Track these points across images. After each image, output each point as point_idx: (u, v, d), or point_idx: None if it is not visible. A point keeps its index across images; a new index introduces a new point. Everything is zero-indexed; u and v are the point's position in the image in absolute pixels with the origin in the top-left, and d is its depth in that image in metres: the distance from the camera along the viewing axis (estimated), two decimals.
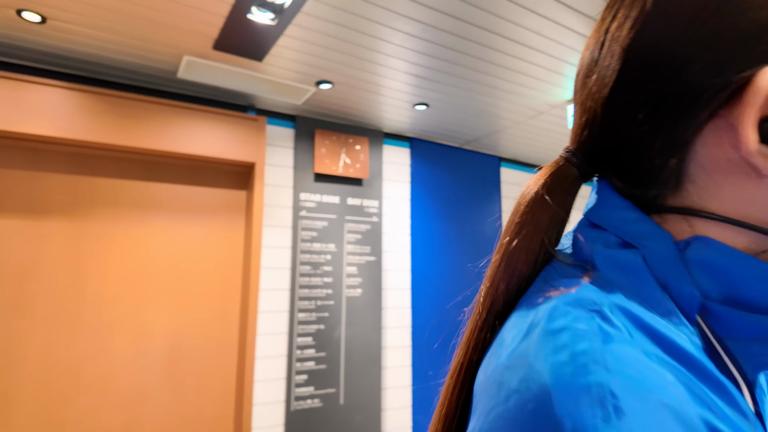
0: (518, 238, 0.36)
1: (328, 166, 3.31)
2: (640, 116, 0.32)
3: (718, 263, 0.29)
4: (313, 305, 3.19)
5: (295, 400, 3.05)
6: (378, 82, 2.86)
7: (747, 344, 0.29)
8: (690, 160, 0.31)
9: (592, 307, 0.28)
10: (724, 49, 0.28)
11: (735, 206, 0.30)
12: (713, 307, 0.29)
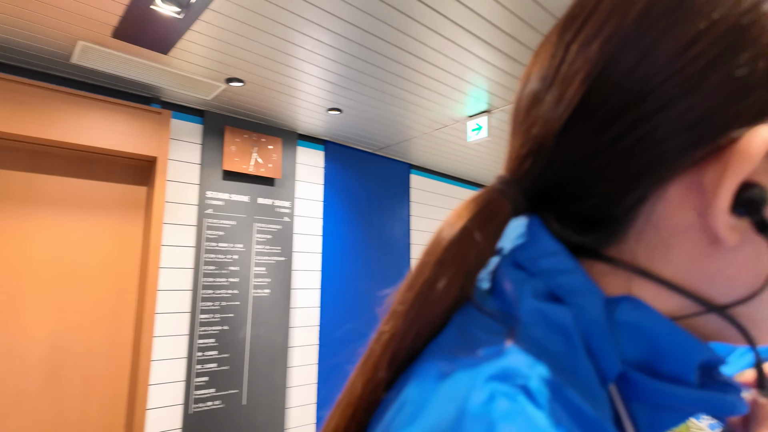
0: (439, 279, 0.30)
1: (238, 165, 3.26)
2: (594, 157, 0.28)
3: (645, 328, 0.27)
4: (218, 306, 3.12)
5: (194, 402, 2.96)
6: (291, 85, 2.87)
7: (653, 410, 0.28)
8: (642, 214, 0.28)
9: (517, 382, 0.25)
10: (711, 97, 0.24)
11: (679, 271, 0.27)
12: (628, 372, 0.27)
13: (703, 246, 0.27)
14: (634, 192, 0.27)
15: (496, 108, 3.27)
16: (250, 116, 3.38)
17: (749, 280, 0.26)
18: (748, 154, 0.24)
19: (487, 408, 0.23)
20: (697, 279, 0.27)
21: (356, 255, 3.99)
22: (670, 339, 0.27)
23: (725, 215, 0.25)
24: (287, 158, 3.58)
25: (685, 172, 0.26)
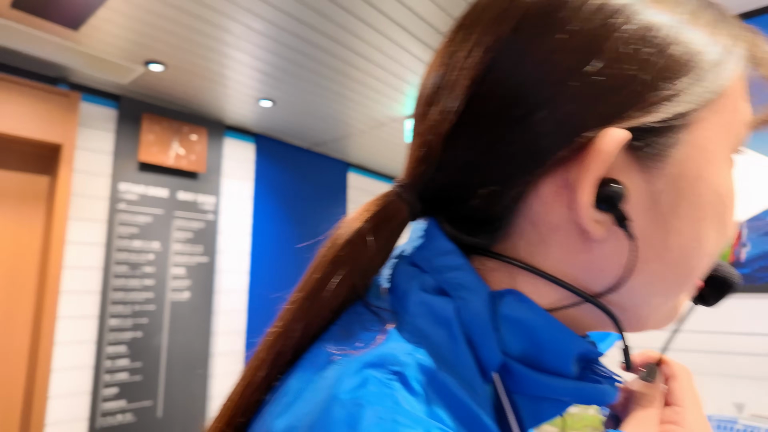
0: (330, 278, 0.31)
1: (156, 155, 3.00)
2: (477, 159, 0.29)
3: (527, 322, 0.29)
4: (130, 310, 2.85)
5: (101, 416, 2.69)
6: (218, 71, 2.68)
7: (535, 402, 0.29)
8: (521, 212, 0.29)
9: (393, 368, 0.26)
10: (573, 100, 0.26)
11: (558, 264, 0.29)
12: (511, 365, 0.29)
13: (576, 240, 0.29)
14: (510, 191, 0.29)
15: None
16: (172, 103, 3.13)
17: (617, 271, 0.28)
18: (602, 151, 0.26)
19: (356, 393, 0.24)
20: (574, 271, 0.29)
21: (289, 256, 3.83)
22: (549, 332, 0.29)
23: (589, 210, 0.27)
24: (213, 150, 3.35)
25: (555, 171, 0.28)
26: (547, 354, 0.29)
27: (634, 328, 0.31)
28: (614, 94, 0.26)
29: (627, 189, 0.27)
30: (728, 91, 0.28)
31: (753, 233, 1.56)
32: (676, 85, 0.26)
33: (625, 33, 0.26)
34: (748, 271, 1.56)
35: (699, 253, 0.29)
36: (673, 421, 0.31)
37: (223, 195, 3.42)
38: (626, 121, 0.26)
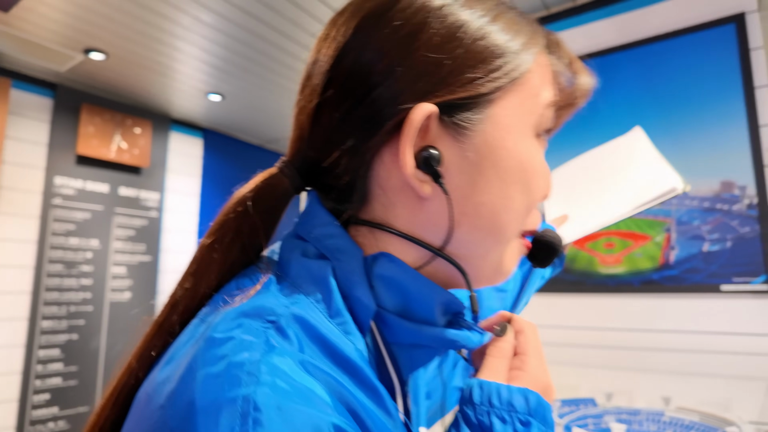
0: (216, 242, 0.35)
1: (96, 149, 2.84)
2: (334, 133, 0.34)
3: (396, 279, 0.33)
4: (65, 311, 2.69)
5: (30, 424, 2.52)
6: (164, 63, 2.56)
7: (410, 350, 0.34)
8: (372, 179, 0.34)
9: (269, 318, 0.29)
10: (398, 81, 0.32)
11: (407, 224, 0.34)
12: (386, 317, 0.33)
13: (414, 200, 0.34)
14: (360, 160, 0.34)
15: None
16: (114, 94, 2.97)
17: (446, 224, 0.33)
18: (413, 121, 0.31)
19: (230, 333, 0.28)
20: (419, 229, 0.34)
21: None
22: (416, 287, 0.33)
23: (412, 170, 0.32)
24: (157, 145, 3.21)
25: (390, 140, 0.33)
26: (416, 305, 0.33)
27: (477, 280, 0.36)
28: (428, 76, 0.32)
29: (442, 154, 0.32)
30: (527, 77, 0.34)
31: (681, 237, 1.66)
32: (479, 71, 0.32)
33: (439, 29, 0.32)
34: (676, 272, 1.66)
35: (506, 210, 0.34)
36: (518, 367, 0.36)
37: (168, 191, 3.28)
38: (436, 98, 0.32)
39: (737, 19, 1.65)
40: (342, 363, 0.29)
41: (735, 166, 1.59)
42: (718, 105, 1.64)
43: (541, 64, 0.35)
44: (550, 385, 0.36)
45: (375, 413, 0.28)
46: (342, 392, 0.27)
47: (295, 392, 0.25)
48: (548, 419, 0.33)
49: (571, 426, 1.37)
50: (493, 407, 0.32)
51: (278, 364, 0.26)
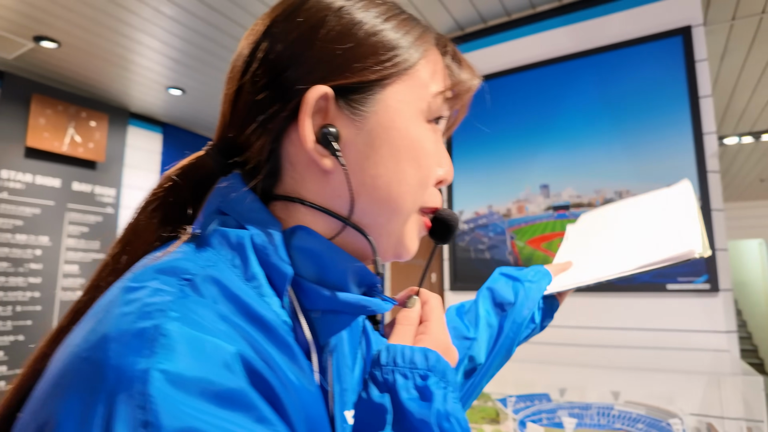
0: (145, 211, 0.39)
1: (47, 141, 2.71)
2: (249, 116, 0.38)
3: (312, 249, 0.36)
4: (10, 311, 2.56)
5: None
6: (122, 55, 2.48)
7: (326, 316, 0.37)
8: (283, 156, 0.38)
9: (184, 276, 0.30)
10: (300, 67, 0.37)
11: (316, 195, 0.38)
12: (303, 284, 0.36)
13: (320, 173, 0.37)
14: (269, 138, 0.37)
15: None
16: (68, 85, 2.85)
17: (348, 195, 0.37)
18: (308, 99, 0.35)
19: (143, 283, 0.29)
20: (327, 200, 0.37)
21: None
22: (330, 256, 0.36)
23: (312, 145, 0.36)
24: (114, 139, 3.09)
25: (296, 120, 0.37)
26: (330, 273, 0.37)
27: (382, 252, 0.40)
28: (325, 64, 0.36)
29: (340, 132, 0.37)
30: (415, 69, 0.38)
31: None
32: (369, 61, 0.37)
33: (335, 26, 0.37)
34: None
35: (399, 183, 0.38)
36: (422, 332, 0.40)
37: (125, 187, 3.17)
38: (331, 82, 0.36)
39: (684, 31, 1.74)
40: (256, 321, 0.31)
41: (681, 172, 1.68)
42: (667, 113, 1.73)
43: (431, 60, 0.40)
44: (450, 346, 0.40)
45: (287, 367, 0.30)
46: (254, 344, 0.29)
47: (204, 326, 0.27)
48: (447, 375, 0.36)
49: (526, 421, 1.41)
50: (397, 366, 0.35)
51: (191, 306, 0.28)
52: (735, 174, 5.00)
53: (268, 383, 0.28)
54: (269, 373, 0.28)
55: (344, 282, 0.37)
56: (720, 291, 1.60)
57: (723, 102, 3.13)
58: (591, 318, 1.78)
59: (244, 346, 0.28)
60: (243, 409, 0.26)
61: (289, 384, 0.30)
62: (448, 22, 2.21)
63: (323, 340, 0.37)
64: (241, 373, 0.27)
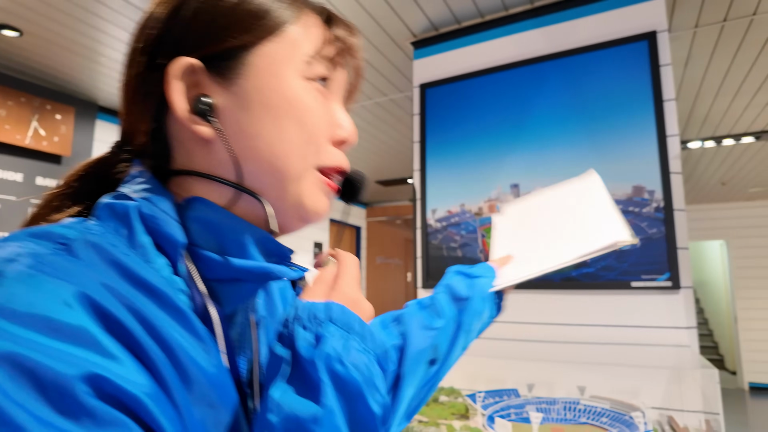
0: (57, 192, 0.40)
1: (9, 134, 2.61)
2: (135, 101, 0.39)
3: (209, 219, 0.37)
4: None
5: None
6: (90, 46, 2.41)
7: (229, 285, 0.37)
8: (169, 134, 0.39)
9: (60, 240, 0.30)
10: (168, 44, 0.38)
11: (205, 165, 0.38)
12: (203, 254, 0.36)
13: (203, 144, 0.38)
14: (149, 117, 0.39)
15: None
16: (32, 76, 2.75)
17: (229, 160, 0.38)
18: (171, 72, 0.37)
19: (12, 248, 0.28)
20: (215, 168, 0.38)
21: None
22: (228, 224, 0.37)
23: (186, 115, 0.37)
24: (81, 132, 3.00)
25: None
26: (230, 242, 0.37)
27: (284, 216, 0.40)
28: (190, 37, 0.38)
29: (215, 100, 0.37)
30: (286, 31, 0.39)
31: None
32: (235, 28, 0.38)
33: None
34: (592, 270, 1.77)
35: (281, 141, 0.38)
36: (332, 289, 0.40)
37: None
38: (199, 53, 0.37)
39: (649, 36, 1.79)
40: (140, 285, 0.30)
41: (645, 172, 1.73)
42: (633, 115, 1.78)
43: (304, 22, 0.40)
44: (361, 302, 0.39)
45: (177, 330, 0.30)
46: (135, 307, 0.29)
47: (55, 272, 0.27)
48: (353, 326, 0.35)
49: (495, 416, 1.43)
50: (299, 319, 0.35)
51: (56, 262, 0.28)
52: (698, 177, 5.19)
53: (127, 331, 0.28)
54: (132, 323, 0.28)
55: (245, 251, 0.37)
56: (681, 288, 1.65)
57: (687, 107, 3.24)
58: (558, 315, 1.82)
59: (101, 292, 0.28)
60: (80, 343, 0.25)
61: (170, 342, 0.29)
62: (422, 22, 2.22)
63: (229, 308, 0.37)
64: (83, 312, 0.26)
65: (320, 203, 0.41)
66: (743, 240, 6.50)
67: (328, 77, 0.41)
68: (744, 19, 2.19)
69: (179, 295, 0.34)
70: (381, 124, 3.57)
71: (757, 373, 6.28)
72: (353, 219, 6.53)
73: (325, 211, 0.42)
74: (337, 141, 0.42)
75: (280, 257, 0.40)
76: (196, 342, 0.32)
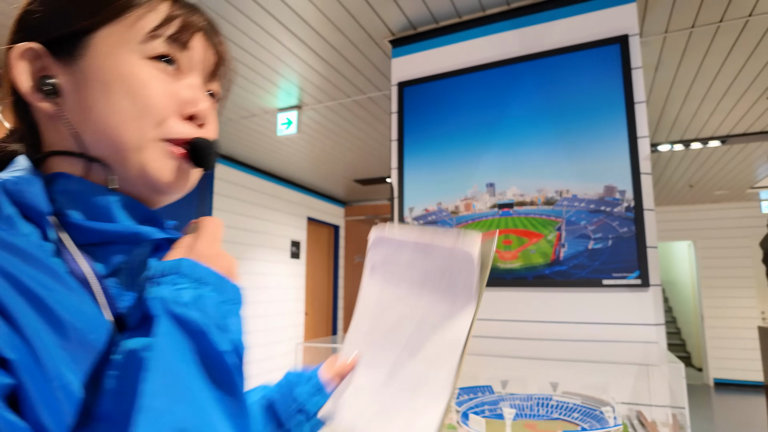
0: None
1: None
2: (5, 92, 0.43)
3: (73, 190, 0.40)
4: None
5: None
6: None
7: (103, 247, 0.40)
8: (32, 118, 0.43)
9: None
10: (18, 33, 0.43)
11: (58, 142, 0.42)
12: (73, 222, 0.39)
13: (50, 120, 0.42)
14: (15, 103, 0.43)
15: (307, 105, 3.22)
16: None
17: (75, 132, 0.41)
18: (12, 57, 0.42)
19: None
20: (65, 142, 0.42)
21: None
22: (89, 192, 0.40)
23: (30, 92, 0.41)
24: None
25: None
26: (96, 209, 0.41)
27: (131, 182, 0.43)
28: (35, 24, 0.42)
29: (60, 80, 0.42)
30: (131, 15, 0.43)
31: (569, 236, 1.82)
32: (72, 15, 0.42)
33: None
34: (565, 268, 1.81)
35: (113, 115, 0.41)
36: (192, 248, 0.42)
37: None
38: (41, 38, 0.42)
39: (622, 40, 1.83)
40: (5, 247, 0.33)
41: (617, 173, 1.77)
42: (605, 117, 1.82)
43: (151, 6, 0.44)
44: (216, 256, 0.41)
45: (46, 282, 0.34)
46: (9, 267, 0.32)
47: None
48: (203, 277, 0.38)
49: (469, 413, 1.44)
50: (152, 277, 0.37)
51: None
52: (667, 180, 5.34)
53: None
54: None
55: (111, 215, 0.41)
56: (650, 286, 1.70)
57: (656, 111, 3.34)
58: (532, 312, 1.85)
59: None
60: None
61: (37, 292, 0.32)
62: (401, 20, 2.23)
63: (105, 270, 0.40)
64: None
65: (164, 171, 0.43)
66: (709, 241, 6.72)
67: (171, 56, 0.44)
68: (711, 26, 2.26)
69: (49, 256, 0.36)
70: (359, 123, 3.56)
71: (721, 369, 6.51)
72: (332, 218, 6.51)
73: (172, 178, 0.44)
74: (186, 115, 0.44)
75: (151, 221, 0.44)
76: (67, 292, 0.35)
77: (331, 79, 2.82)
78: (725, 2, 2.08)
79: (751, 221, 6.56)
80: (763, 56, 2.56)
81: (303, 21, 2.23)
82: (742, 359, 6.40)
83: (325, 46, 2.46)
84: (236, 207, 4.57)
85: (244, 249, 4.65)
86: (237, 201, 4.58)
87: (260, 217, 4.93)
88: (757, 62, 2.63)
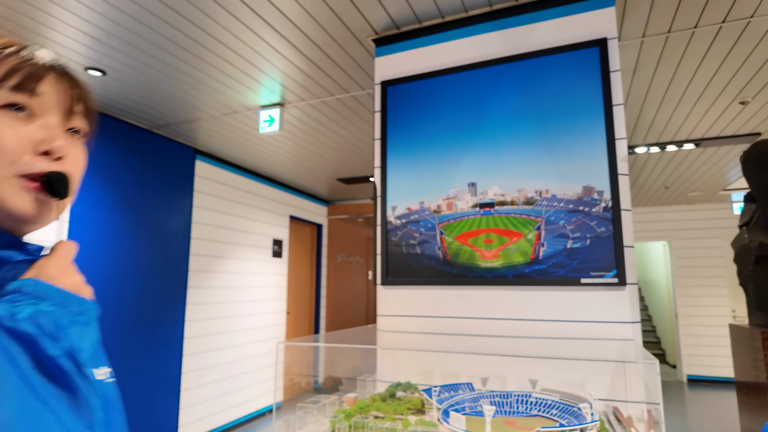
0: None
1: None
2: None
3: None
4: None
5: None
6: (32, 28, 2.27)
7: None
8: None
9: None
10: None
11: None
12: None
13: None
14: None
15: (290, 103, 3.19)
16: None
17: None
18: None
19: None
20: None
21: (119, 248, 3.42)
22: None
23: None
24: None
25: None
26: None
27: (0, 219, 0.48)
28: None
29: None
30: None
31: (549, 235, 1.84)
32: None
33: None
34: (544, 266, 1.83)
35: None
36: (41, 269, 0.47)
37: None
38: None
39: (601, 43, 1.87)
40: None
41: (595, 173, 1.80)
42: (584, 118, 1.85)
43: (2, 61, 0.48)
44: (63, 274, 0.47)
45: None
46: None
47: None
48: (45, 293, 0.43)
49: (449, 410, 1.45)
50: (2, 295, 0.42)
51: None
52: (643, 181, 5.46)
53: None
54: None
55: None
56: (627, 285, 1.74)
57: (634, 114, 3.41)
58: (511, 310, 1.87)
59: None
60: None
61: None
62: (384, 19, 2.23)
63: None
64: None
65: (21, 203, 0.48)
66: (684, 241, 6.90)
67: (21, 103, 0.48)
68: (686, 31, 2.32)
69: None
70: (342, 121, 3.55)
71: (694, 366, 6.69)
72: (314, 216, 6.47)
73: (30, 209, 0.49)
74: (40, 152, 0.49)
75: (10, 245, 0.49)
76: None
77: (314, 76, 2.81)
78: (700, 8, 2.13)
79: (724, 222, 6.75)
80: (735, 61, 2.64)
81: (286, 18, 2.21)
82: (714, 356, 6.58)
83: (309, 44, 2.44)
84: (217, 205, 4.51)
85: (225, 247, 4.60)
86: (218, 199, 4.52)
87: (242, 216, 4.88)
88: (730, 67, 2.71)
